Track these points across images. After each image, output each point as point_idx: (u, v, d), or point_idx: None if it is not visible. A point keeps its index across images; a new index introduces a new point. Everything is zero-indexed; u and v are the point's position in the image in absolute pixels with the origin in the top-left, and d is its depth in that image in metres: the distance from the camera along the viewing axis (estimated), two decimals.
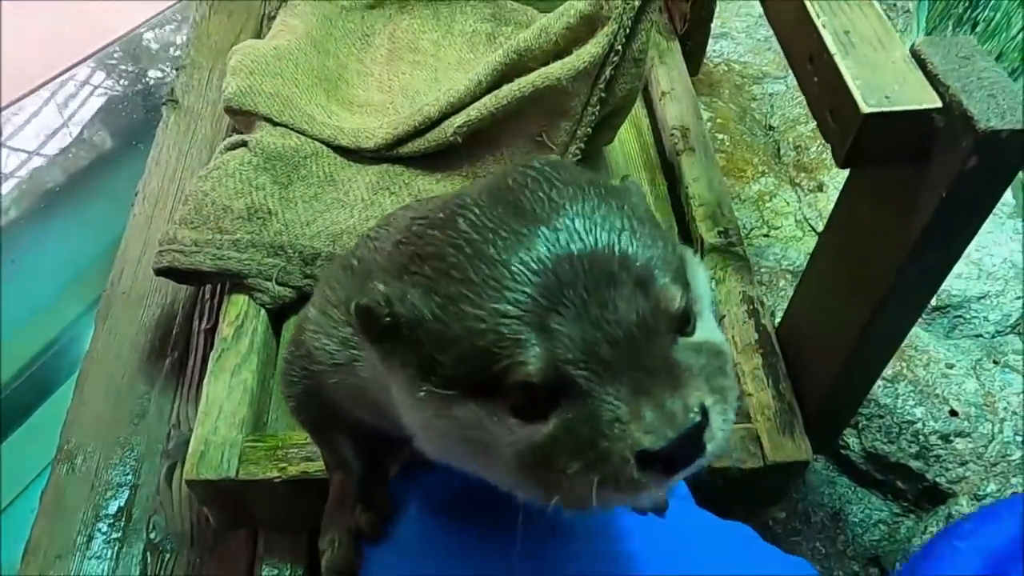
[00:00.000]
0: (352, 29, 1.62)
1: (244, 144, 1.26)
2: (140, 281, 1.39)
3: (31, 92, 2.06)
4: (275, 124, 1.32)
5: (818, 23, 0.81)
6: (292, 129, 1.32)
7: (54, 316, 1.70)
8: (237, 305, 1.14)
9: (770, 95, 1.75)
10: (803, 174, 1.49)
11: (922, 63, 0.76)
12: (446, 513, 0.53)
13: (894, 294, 0.88)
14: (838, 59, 0.77)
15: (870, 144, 0.75)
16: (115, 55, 2.13)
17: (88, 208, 1.89)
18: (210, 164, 1.25)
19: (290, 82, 1.39)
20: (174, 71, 1.78)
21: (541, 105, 1.21)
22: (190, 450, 0.98)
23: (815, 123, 0.83)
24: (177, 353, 1.32)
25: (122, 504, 1.15)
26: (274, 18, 1.88)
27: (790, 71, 1.85)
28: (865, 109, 0.73)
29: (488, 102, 1.23)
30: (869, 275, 0.90)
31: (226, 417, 1.01)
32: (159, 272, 1.16)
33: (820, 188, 1.46)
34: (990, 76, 0.73)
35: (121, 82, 2.10)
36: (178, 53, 2.13)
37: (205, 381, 1.06)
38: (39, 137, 1.98)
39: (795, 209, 1.46)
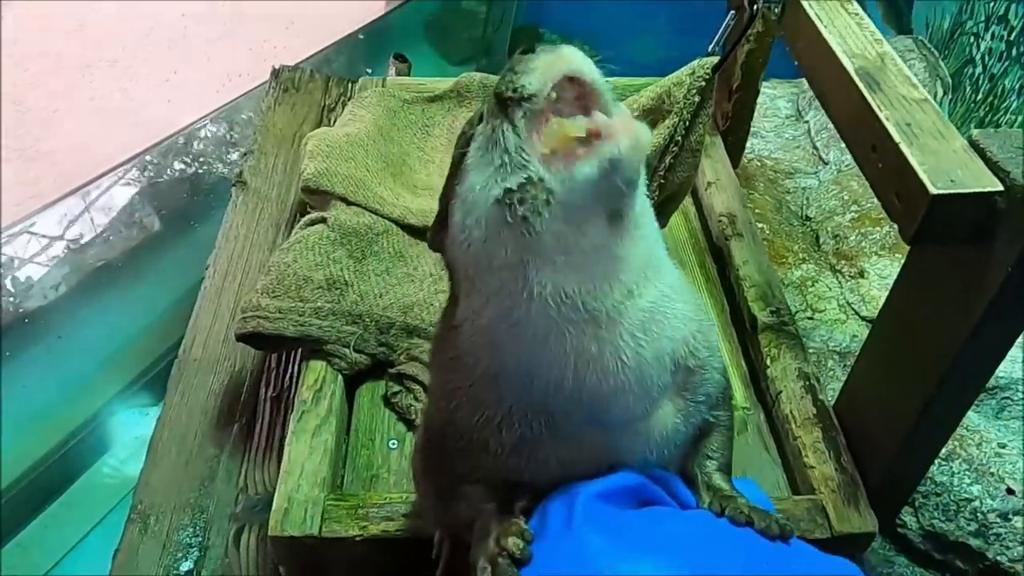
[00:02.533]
0: (413, 120, 1.73)
1: (323, 220, 1.35)
2: (211, 349, 1.45)
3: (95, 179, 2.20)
4: (349, 203, 1.40)
5: (881, 116, 0.90)
6: (365, 208, 1.40)
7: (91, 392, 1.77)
8: (315, 371, 1.19)
9: (803, 188, 1.85)
10: (843, 261, 1.57)
11: (981, 151, 0.84)
12: (601, 517, 0.54)
13: (953, 374, 0.93)
14: (903, 147, 0.85)
15: (936, 224, 0.82)
16: (165, 148, 2.28)
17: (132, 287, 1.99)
18: (291, 238, 1.33)
19: (361, 166, 1.49)
20: (241, 156, 1.89)
21: None
22: (274, 507, 1.01)
23: (852, 215, 0.90)
24: (245, 419, 1.36)
25: (191, 566, 1.17)
26: (333, 110, 2.03)
27: (821, 167, 1.97)
28: (933, 191, 0.80)
29: None
30: (928, 356, 0.95)
31: (308, 476, 1.05)
32: (241, 337, 1.22)
33: (861, 274, 1.53)
34: None
35: (172, 171, 2.23)
36: (227, 144, 2.28)
37: (287, 442, 1.10)
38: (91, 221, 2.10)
39: (837, 294, 1.52)
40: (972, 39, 1.96)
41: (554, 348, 0.53)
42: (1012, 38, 1.79)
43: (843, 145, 2.07)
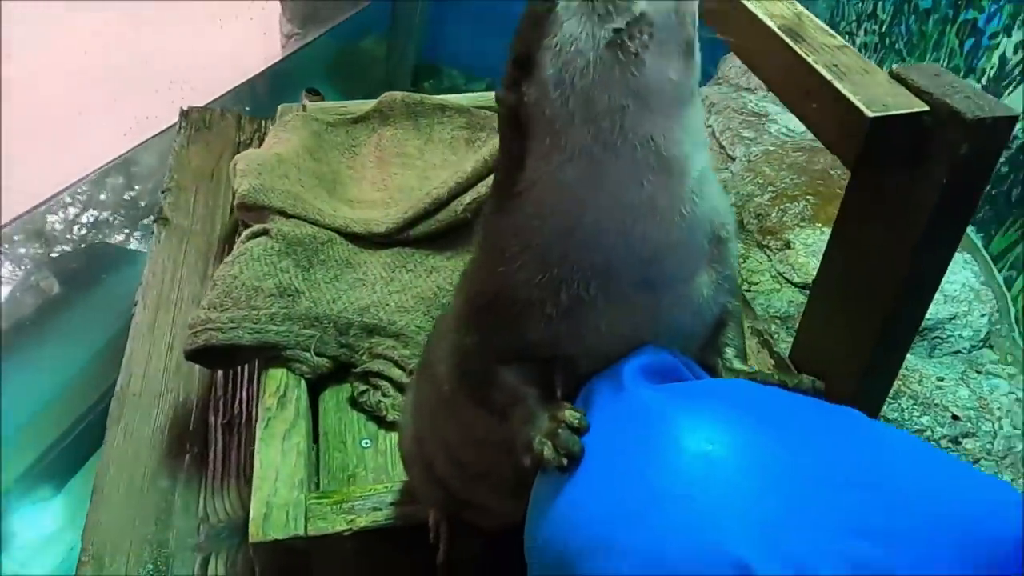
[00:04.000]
0: (339, 142, 1.73)
1: (265, 233, 1.31)
2: (150, 382, 1.37)
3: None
4: (288, 216, 1.38)
5: (809, 61, 0.97)
6: (305, 220, 1.38)
7: None
8: (276, 378, 1.15)
9: (720, 181, 1.95)
10: (769, 236, 1.65)
11: (903, 81, 0.92)
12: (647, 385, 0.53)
13: (903, 296, 0.99)
14: (835, 83, 0.92)
15: (875, 146, 0.89)
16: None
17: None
18: (234, 252, 1.29)
19: (295, 183, 1.47)
20: (161, 193, 1.83)
21: None
22: (252, 515, 0.96)
23: (769, 195, 0.96)
24: (196, 449, 1.29)
25: None
26: (249, 144, 2.00)
27: (731, 162, 2.08)
28: (870, 115, 0.86)
29: None
30: (877, 282, 1.01)
31: (285, 479, 1.00)
32: (192, 354, 1.17)
33: (788, 246, 1.61)
34: (960, 86, 0.89)
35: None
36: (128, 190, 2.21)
37: (256, 450, 1.04)
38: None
39: (768, 266, 1.60)
40: (847, 38, 2.15)
41: (631, 199, 0.55)
42: (883, 31, 1.97)
43: (747, 139, 2.21)
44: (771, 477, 0.43)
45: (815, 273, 1.12)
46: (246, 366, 1.42)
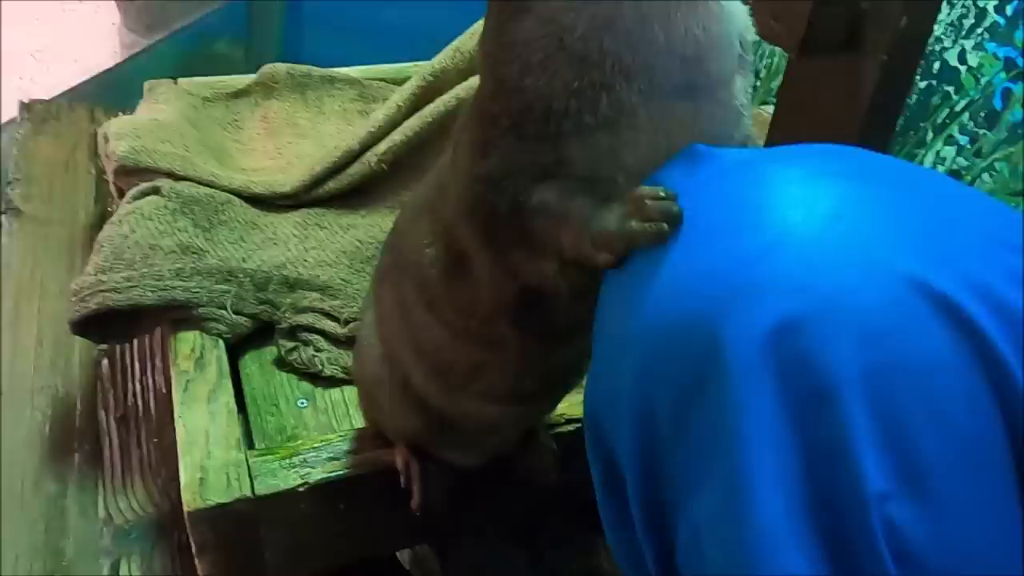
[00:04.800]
0: (219, 117, 1.57)
1: (156, 191, 1.15)
2: (20, 381, 1.16)
3: None
4: (178, 179, 1.22)
5: None
6: (198, 183, 1.23)
7: None
8: (188, 341, 0.99)
9: None
10: None
11: None
12: None
13: None
14: None
15: (818, 29, 0.89)
16: None
17: None
18: (119, 212, 1.12)
19: (179, 147, 1.31)
20: (7, 185, 1.59)
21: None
22: (184, 481, 0.81)
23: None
24: (87, 447, 1.10)
25: None
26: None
27: None
28: None
29: (412, 123, 1.26)
30: None
31: (218, 441, 0.85)
32: (78, 323, 0.99)
33: None
34: None
35: None
36: None
37: (176, 415, 0.89)
38: None
39: None
40: None
41: None
42: None
43: None
44: (909, 219, 0.38)
45: None
46: (134, 354, 1.25)
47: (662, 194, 0.44)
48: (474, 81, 1.24)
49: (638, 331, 0.41)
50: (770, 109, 1.09)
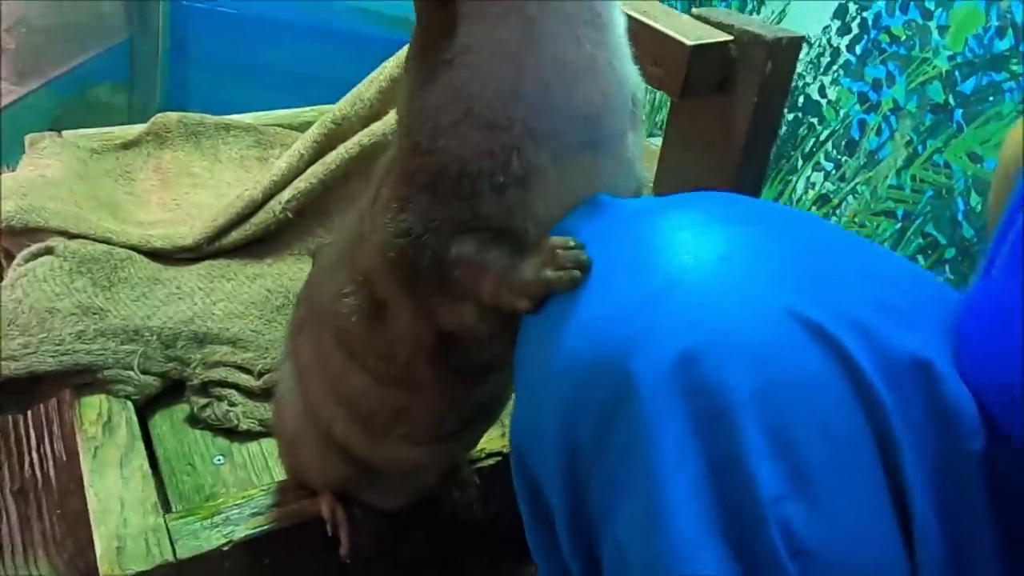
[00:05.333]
0: (109, 169, 1.53)
1: (49, 251, 1.11)
2: None
3: None
4: (72, 237, 1.18)
5: (623, 8, 1.05)
6: (94, 240, 1.19)
7: None
8: (93, 405, 0.96)
9: None
10: None
11: (704, 19, 1.02)
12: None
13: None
14: (650, 23, 1.00)
15: (696, 73, 0.97)
16: None
17: None
18: (10, 275, 1.07)
19: (70, 203, 1.27)
20: None
21: (367, 165, 1.28)
22: (100, 552, 0.78)
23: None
24: None
25: None
26: None
27: None
28: (689, 43, 0.95)
29: (316, 170, 1.27)
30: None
31: (134, 506, 0.83)
32: None
33: None
34: (750, 19, 1.01)
35: None
36: None
37: (87, 484, 0.86)
38: None
39: None
40: None
41: (571, 55, 0.54)
42: None
43: None
44: (788, 259, 0.44)
45: None
46: (29, 423, 1.19)
47: (572, 244, 0.49)
48: (376, 127, 1.28)
49: (558, 368, 0.45)
50: (657, 141, 1.17)
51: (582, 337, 0.44)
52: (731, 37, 0.98)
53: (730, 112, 1.01)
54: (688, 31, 0.98)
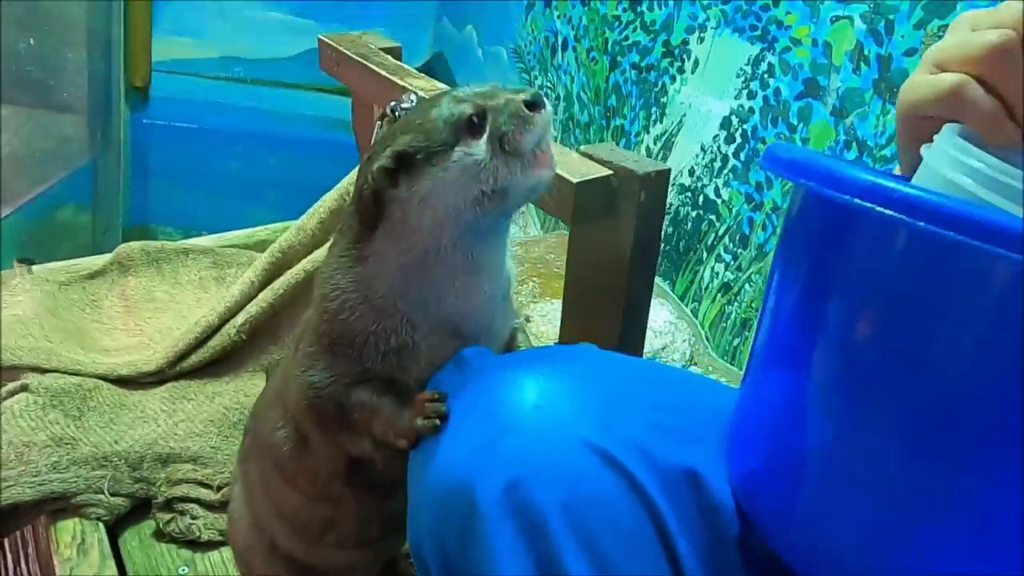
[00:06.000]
0: (76, 299, 1.67)
1: (24, 388, 1.24)
2: None
3: None
4: (44, 371, 1.31)
5: None
6: (65, 373, 1.32)
7: None
8: (68, 529, 1.08)
9: None
10: None
11: (589, 156, 1.21)
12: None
13: (624, 318, 1.26)
14: None
15: (583, 205, 1.15)
16: None
17: None
18: None
19: (41, 339, 1.41)
20: None
21: (311, 289, 1.43)
22: None
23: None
24: None
25: None
26: None
27: None
28: (575, 180, 1.13)
29: (266, 296, 1.42)
30: (607, 314, 1.27)
31: None
32: None
33: (527, 320, 1.87)
34: (629, 155, 1.20)
35: None
36: None
37: None
38: None
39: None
40: None
41: (447, 289, 0.71)
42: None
43: None
44: (590, 402, 0.60)
45: (555, 337, 1.35)
46: (5, 547, 1.29)
47: (436, 397, 0.65)
48: (317, 254, 1.44)
49: (427, 489, 0.60)
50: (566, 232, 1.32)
51: (442, 470, 0.59)
52: (611, 172, 1.17)
53: (617, 233, 1.19)
54: (575, 169, 1.17)
